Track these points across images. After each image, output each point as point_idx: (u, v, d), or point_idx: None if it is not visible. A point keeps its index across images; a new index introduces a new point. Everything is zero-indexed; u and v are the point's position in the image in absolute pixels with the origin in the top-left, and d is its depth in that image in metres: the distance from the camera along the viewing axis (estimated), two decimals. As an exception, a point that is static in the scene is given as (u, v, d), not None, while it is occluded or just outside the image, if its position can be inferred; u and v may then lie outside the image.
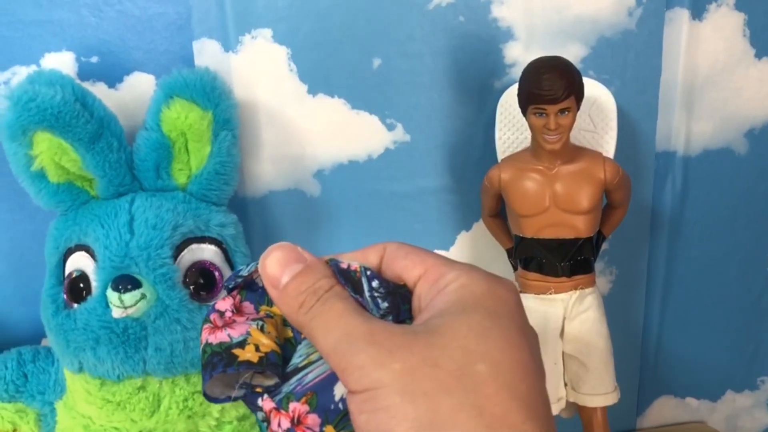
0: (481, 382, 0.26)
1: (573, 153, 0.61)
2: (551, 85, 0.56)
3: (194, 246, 0.54)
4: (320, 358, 0.31)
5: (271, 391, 0.32)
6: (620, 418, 0.80)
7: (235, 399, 0.33)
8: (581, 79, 0.58)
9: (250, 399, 0.33)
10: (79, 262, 0.53)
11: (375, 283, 0.31)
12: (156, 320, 0.51)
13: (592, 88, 0.65)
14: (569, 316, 0.64)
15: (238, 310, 0.34)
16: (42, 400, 0.59)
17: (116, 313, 0.50)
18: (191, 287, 0.53)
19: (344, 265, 0.31)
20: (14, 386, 0.59)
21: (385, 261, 0.32)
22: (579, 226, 0.61)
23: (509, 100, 0.65)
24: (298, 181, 0.68)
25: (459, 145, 0.69)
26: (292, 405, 0.31)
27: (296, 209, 0.68)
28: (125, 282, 0.50)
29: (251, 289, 0.34)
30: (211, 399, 0.32)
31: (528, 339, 0.28)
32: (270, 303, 0.34)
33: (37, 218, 0.63)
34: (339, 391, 0.30)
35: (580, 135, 0.66)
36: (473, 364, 0.26)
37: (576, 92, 0.57)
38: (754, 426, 0.87)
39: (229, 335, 0.32)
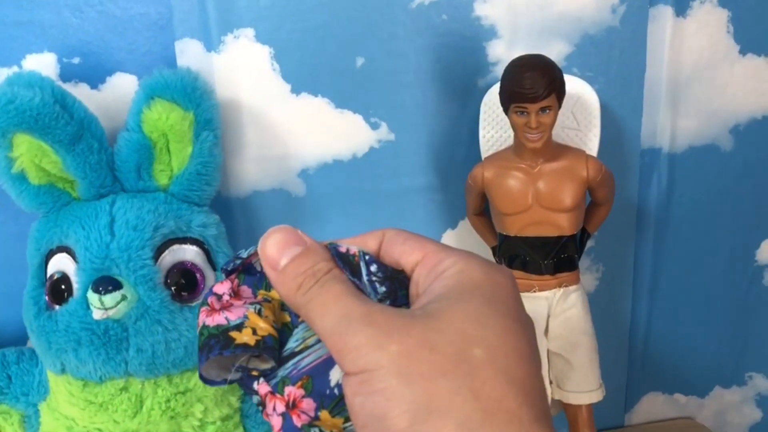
0: (477, 366, 0.26)
1: (555, 151, 0.61)
2: (532, 84, 0.56)
3: (176, 247, 0.54)
4: (317, 342, 0.31)
5: (267, 375, 0.32)
6: (608, 414, 0.80)
7: (231, 382, 0.33)
8: (562, 78, 0.58)
9: (245, 382, 0.33)
10: (60, 263, 0.53)
11: (373, 268, 0.31)
12: (137, 321, 0.51)
13: (575, 85, 0.65)
14: (553, 314, 0.64)
15: (235, 293, 0.34)
16: (26, 402, 0.59)
17: (97, 314, 0.50)
18: (172, 288, 0.53)
19: (343, 249, 0.31)
20: (-2, 388, 0.59)
21: (384, 247, 0.32)
22: (562, 224, 0.61)
23: (493, 99, 0.65)
24: (282, 181, 0.68)
25: (444, 144, 0.69)
26: (288, 389, 0.31)
27: (281, 209, 0.68)
28: (105, 283, 0.50)
29: (249, 272, 0.34)
30: (207, 381, 0.32)
31: (524, 326, 0.28)
32: (268, 287, 0.34)
33: (20, 220, 0.63)
34: (335, 376, 0.30)
35: (563, 133, 0.66)
36: (470, 349, 0.26)
37: (557, 90, 0.57)
38: (743, 422, 0.87)
39: (226, 318, 0.32)
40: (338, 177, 0.68)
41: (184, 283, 0.54)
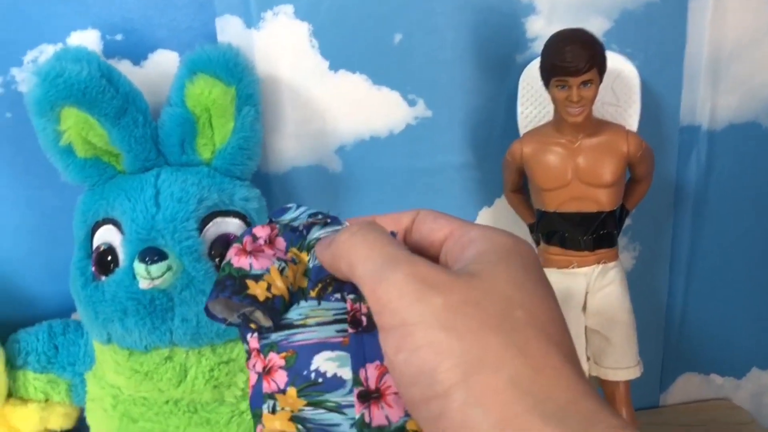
0: (521, 326, 0.26)
1: (596, 126, 0.61)
2: (573, 57, 0.56)
3: (219, 219, 0.55)
4: (316, 325, 0.32)
5: (261, 332, 0.33)
6: (643, 394, 0.80)
7: (230, 324, 0.33)
8: (604, 52, 0.58)
9: (242, 330, 0.33)
10: (106, 235, 0.54)
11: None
12: (182, 291, 0.52)
13: (615, 61, 0.64)
14: (592, 290, 0.64)
15: (271, 241, 0.35)
16: (72, 371, 0.61)
17: (143, 284, 0.51)
18: (216, 260, 0.54)
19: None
20: (45, 357, 0.61)
21: (415, 224, 0.32)
22: (602, 200, 0.61)
23: (531, 75, 0.65)
24: (320, 158, 0.68)
25: (481, 121, 0.69)
26: (272, 354, 0.32)
27: (318, 185, 0.69)
28: (152, 254, 0.51)
29: (291, 229, 0.35)
30: (210, 315, 0.33)
31: (554, 293, 0.29)
32: (301, 248, 0.34)
33: (64, 194, 0.64)
34: (317, 361, 0.31)
35: (603, 109, 0.65)
36: (513, 310, 0.26)
37: (598, 64, 0.57)
38: (780, 403, 0.86)
39: (250, 264, 0.33)
40: (375, 154, 0.68)
41: (227, 255, 0.55)
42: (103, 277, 0.54)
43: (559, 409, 0.24)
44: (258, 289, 0.32)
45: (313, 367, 0.31)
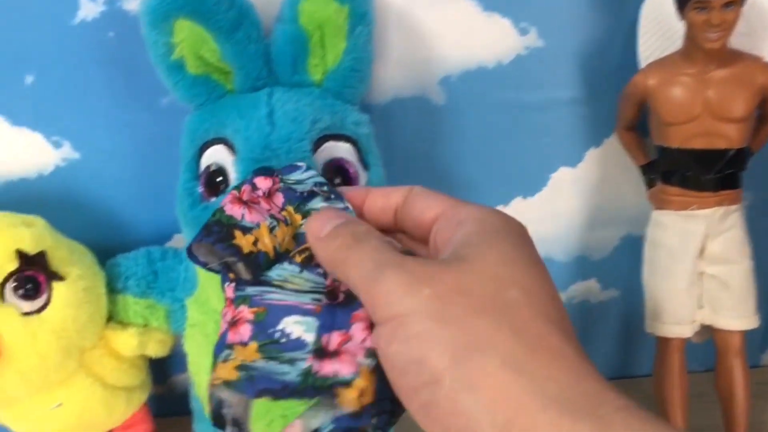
0: (515, 307, 0.25)
1: (730, 56, 0.57)
2: (718, -25, 0.52)
3: (330, 143, 0.53)
4: (293, 292, 0.32)
5: (239, 283, 0.33)
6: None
7: (210, 269, 0.34)
8: (748, -27, 0.53)
9: (222, 278, 0.34)
10: (216, 155, 0.53)
11: None
12: (295, 214, 0.50)
13: (749, -11, 0.59)
14: (712, 234, 0.60)
15: (270, 195, 0.35)
16: (172, 297, 0.60)
17: (257, 204, 0.49)
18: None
19: None
20: (145, 282, 0.60)
21: (407, 202, 0.33)
22: (731, 136, 0.57)
23: (654, 5, 0.61)
24: (423, 88, 0.65)
25: (596, 53, 0.65)
26: (242, 307, 0.32)
27: (420, 117, 0.66)
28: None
29: (292, 190, 0.36)
30: (192, 257, 0.34)
31: (547, 271, 0.28)
32: (298, 210, 0.35)
33: (163, 119, 0.63)
34: (285, 323, 0.31)
35: (733, 39, 0.60)
36: (506, 291, 0.26)
37: (743, -14, 0.53)
38: None
39: (242, 215, 0.33)
40: (481, 85, 0.65)
41: (339, 179, 0.53)
42: (213, 199, 0.53)
43: (559, 389, 0.24)
44: (244, 241, 0.32)
45: (279, 327, 0.31)
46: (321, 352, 0.30)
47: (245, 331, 0.32)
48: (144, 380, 0.65)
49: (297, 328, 0.31)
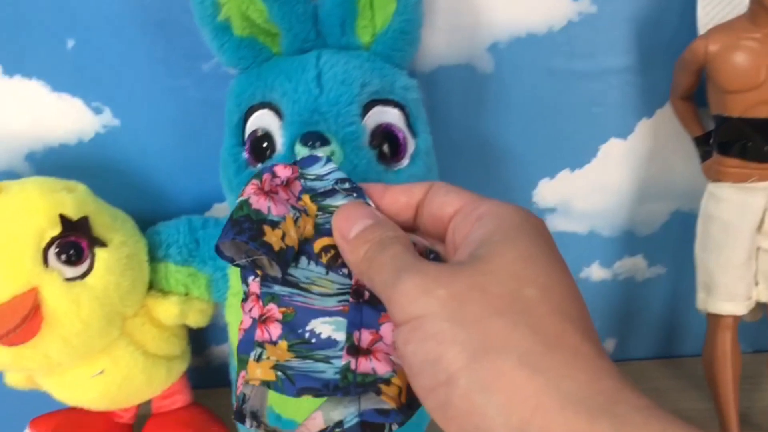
0: (532, 305, 0.25)
1: (798, 20, 0.54)
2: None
3: (379, 108, 0.51)
4: (319, 294, 0.32)
5: (265, 280, 0.33)
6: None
7: (236, 265, 0.34)
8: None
9: (245, 272, 0.34)
10: (262, 119, 0.51)
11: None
12: (344, 180, 0.49)
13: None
14: (772, 208, 0.58)
15: (288, 183, 0.35)
16: (213, 266, 0.59)
17: (305, 169, 0.48)
18: (376, 150, 0.51)
19: (417, 248, 0.32)
20: (187, 250, 0.59)
21: (427, 198, 0.33)
22: (797, 105, 0.55)
23: (715, -33, 0.58)
24: (470, 56, 0.63)
25: (650, 20, 0.62)
26: (271, 305, 0.32)
27: (466, 86, 0.64)
28: (315, 138, 0.47)
29: (311, 184, 0.36)
30: (219, 252, 0.34)
31: (567, 267, 0.28)
32: (314, 199, 0.35)
33: (204, 85, 0.62)
34: (313, 325, 0.31)
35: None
36: (523, 289, 0.26)
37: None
38: None
39: (269, 208, 0.33)
40: (530, 53, 0.63)
41: (388, 146, 0.51)
42: (258, 165, 0.51)
43: (577, 388, 0.23)
44: (274, 237, 0.32)
45: (308, 328, 0.31)
46: (355, 349, 0.31)
47: (274, 329, 0.32)
48: (184, 350, 0.64)
49: (326, 327, 0.31)
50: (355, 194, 0.35)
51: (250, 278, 0.34)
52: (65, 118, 0.63)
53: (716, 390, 0.61)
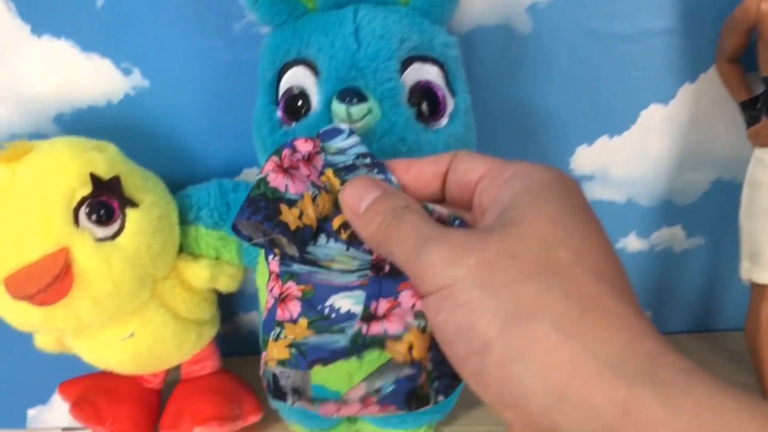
0: (565, 267, 0.24)
1: None
2: None
3: (417, 65, 0.49)
4: (340, 270, 0.32)
5: (284, 259, 0.33)
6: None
7: (254, 244, 0.34)
8: None
9: (266, 251, 0.34)
10: (297, 76, 0.50)
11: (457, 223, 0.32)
12: (381, 138, 0.48)
13: None
14: (823, 174, 0.56)
15: (310, 158, 0.34)
16: (245, 230, 0.58)
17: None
18: (414, 108, 0.49)
19: (435, 215, 0.31)
20: (218, 213, 0.58)
21: (452, 166, 0.32)
22: None
23: None
24: (508, 15, 0.61)
25: (696, -22, 0.60)
26: (290, 283, 0.32)
27: (504, 48, 0.62)
28: (352, 94, 0.46)
29: (332, 159, 0.35)
30: (235, 230, 0.33)
31: (601, 224, 0.27)
32: (337, 174, 0.34)
33: (236, 46, 0.61)
34: (332, 300, 0.31)
35: None
36: (554, 251, 0.25)
37: None
38: None
39: (286, 186, 0.32)
40: (570, 14, 0.61)
41: (427, 104, 0.49)
42: (293, 123, 0.50)
43: (615, 352, 0.22)
44: (290, 216, 0.31)
45: (327, 303, 0.31)
46: (370, 317, 0.31)
47: (294, 307, 0.32)
48: (214, 315, 0.63)
49: (345, 302, 0.31)
50: (376, 170, 0.34)
51: (270, 257, 0.34)
52: (94, 79, 0.62)
53: (759, 362, 0.59)
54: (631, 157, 0.66)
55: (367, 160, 0.35)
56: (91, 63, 0.61)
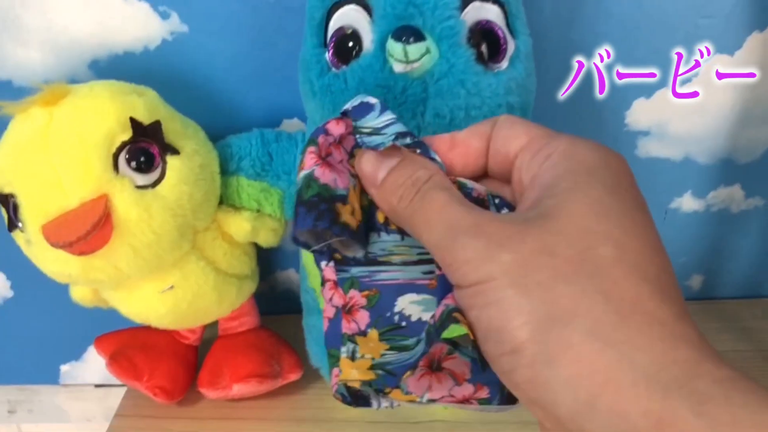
0: (605, 266, 0.23)
1: None
2: None
3: (477, 4, 0.46)
4: (401, 263, 0.30)
5: (339, 263, 0.31)
6: None
7: (314, 251, 0.31)
8: None
9: (317, 257, 0.31)
10: (349, 16, 0.47)
11: (504, 212, 0.29)
12: (439, 80, 0.45)
13: None
14: None
15: (341, 140, 0.32)
16: (287, 180, 0.56)
17: (398, 67, 0.44)
18: (474, 49, 0.46)
19: (474, 194, 0.29)
20: (260, 164, 0.56)
21: (494, 134, 0.30)
22: None
23: None
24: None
25: None
26: (352, 292, 0.30)
27: None
28: (409, 33, 0.43)
29: (366, 139, 0.32)
30: (295, 240, 0.30)
31: (649, 215, 0.26)
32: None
33: (277, -12, 0.58)
34: (401, 303, 0.29)
35: None
36: (595, 248, 0.23)
37: None
38: None
39: (334, 180, 0.29)
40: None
41: (487, 45, 0.46)
42: (343, 66, 0.47)
43: (650, 361, 0.21)
44: (347, 215, 0.29)
45: (396, 309, 0.29)
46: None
47: (362, 318, 0.30)
48: (254, 271, 0.61)
49: (415, 308, 0.30)
50: (419, 150, 0.31)
51: (323, 263, 0.31)
52: (131, 23, 0.59)
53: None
54: (689, 112, 0.63)
55: (408, 140, 0.31)
56: (127, 6, 0.58)
